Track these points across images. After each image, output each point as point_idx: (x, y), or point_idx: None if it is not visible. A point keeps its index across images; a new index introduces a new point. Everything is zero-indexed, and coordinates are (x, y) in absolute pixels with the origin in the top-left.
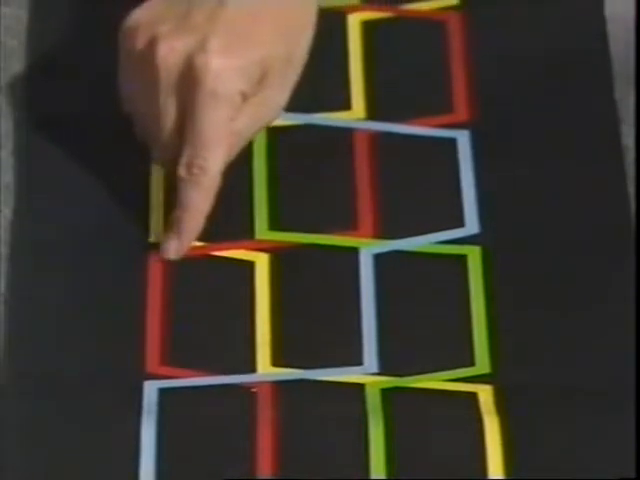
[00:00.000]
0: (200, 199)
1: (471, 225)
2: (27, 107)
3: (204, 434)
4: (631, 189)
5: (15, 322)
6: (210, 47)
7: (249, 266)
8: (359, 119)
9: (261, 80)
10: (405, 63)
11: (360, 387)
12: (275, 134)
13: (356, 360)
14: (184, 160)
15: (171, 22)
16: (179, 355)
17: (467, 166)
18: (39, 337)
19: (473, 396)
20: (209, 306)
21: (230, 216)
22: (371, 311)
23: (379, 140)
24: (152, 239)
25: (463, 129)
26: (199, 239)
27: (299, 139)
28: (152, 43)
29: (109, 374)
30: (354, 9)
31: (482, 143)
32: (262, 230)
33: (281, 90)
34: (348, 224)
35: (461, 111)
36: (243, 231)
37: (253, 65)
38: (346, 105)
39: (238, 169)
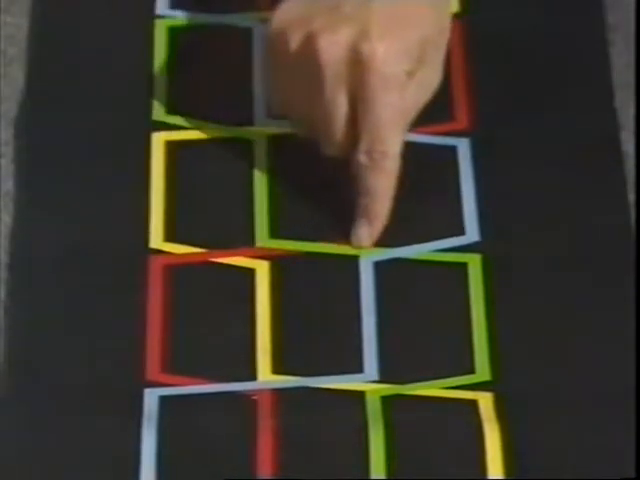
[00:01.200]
0: (385, 183)
1: (471, 233)
2: (27, 115)
3: (205, 442)
4: (631, 195)
5: (15, 330)
6: (373, 34)
7: (250, 273)
8: None
9: (421, 58)
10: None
11: (360, 395)
12: (276, 141)
13: (356, 368)
14: (363, 147)
15: (322, 17)
16: (180, 363)
17: (467, 174)
18: (39, 345)
19: (473, 403)
20: (210, 313)
21: (231, 223)
22: (371, 319)
23: None
24: (152, 245)
25: (463, 137)
26: (199, 245)
27: (300, 147)
28: (309, 40)
29: (109, 382)
30: None
31: (482, 151)
32: (263, 238)
33: (438, 64)
34: (348, 232)
35: (461, 119)
36: (244, 238)
37: (414, 45)
38: None
39: (239, 176)
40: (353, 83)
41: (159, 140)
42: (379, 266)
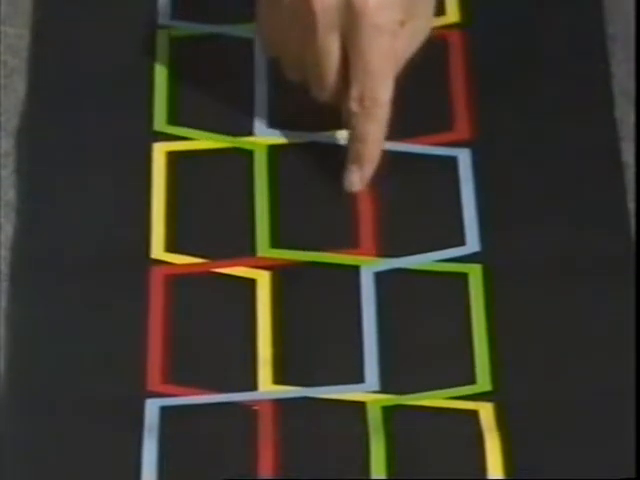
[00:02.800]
0: (376, 129)
1: (472, 243)
2: (28, 126)
3: (205, 452)
4: (631, 205)
5: (15, 340)
6: None
7: (250, 284)
8: None
9: (411, 8)
10: (405, 80)
11: (361, 405)
12: (276, 151)
13: (357, 378)
14: (354, 94)
15: None
16: (181, 373)
17: (468, 184)
18: (40, 355)
19: (474, 413)
20: (211, 324)
21: (231, 233)
22: (372, 329)
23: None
24: (153, 256)
25: (464, 147)
26: (200, 256)
27: (300, 157)
28: None
29: (110, 392)
30: None
31: (483, 161)
32: (263, 248)
33: (429, 13)
34: (349, 242)
35: (462, 129)
36: (244, 248)
37: None
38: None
39: (240, 187)
40: (345, 30)
41: (160, 150)
42: (380, 276)
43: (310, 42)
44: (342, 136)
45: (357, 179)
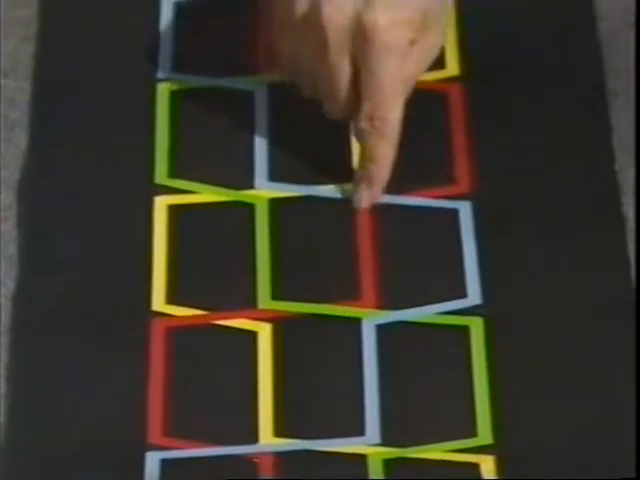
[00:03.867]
0: (386, 148)
1: (473, 296)
2: (29, 180)
3: None
4: (631, 255)
5: (15, 392)
6: (376, 4)
7: (252, 336)
8: None
9: (423, 27)
10: (406, 133)
11: (362, 458)
12: (278, 205)
13: (358, 431)
14: (365, 113)
15: None
16: (181, 426)
17: (469, 237)
18: (39, 407)
19: (475, 466)
20: (211, 376)
21: (233, 285)
22: (373, 382)
23: (381, 211)
24: (154, 308)
25: (465, 200)
26: (201, 308)
27: (301, 210)
28: (315, 6)
29: (111, 445)
30: None
31: (484, 214)
32: (265, 300)
33: (440, 31)
34: (350, 294)
35: (463, 182)
36: (246, 300)
37: (416, 13)
38: (349, 177)
39: (241, 239)
40: (356, 49)
41: (161, 204)
42: (381, 329)
43: (322, 60)
44: (343, 190)
45: (366, 197)
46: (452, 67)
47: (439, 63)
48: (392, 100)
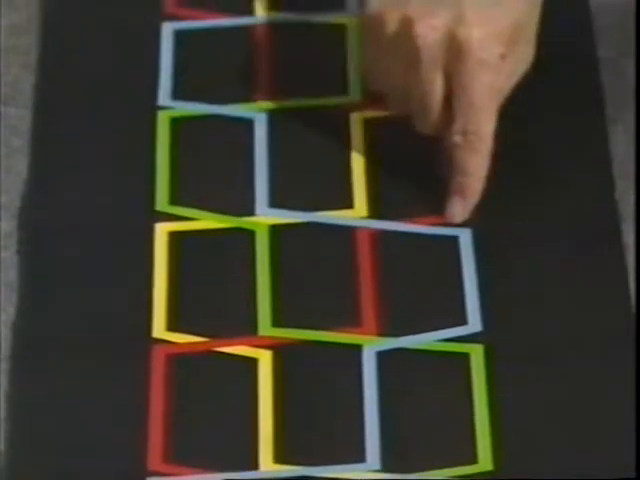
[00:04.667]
0: (479, 161)
1: (474, 323)
2: (30, 207)
3: None
4: (631, 283)
5: (15, 419)
6: (469, 19)
7: (252, 363)
8: (362, 217)
9: (515, 40)
10: (407, 162)
11: None
12: (278, 231)
13: (359, 457)
14: (458, 128)
15: (417, 1)
16: (182, 452)
17: (469, 264)
18: (39, 434)
19: None
20: (212, 403)
21: (233, 312)
22: (373, 408)
23: (381, 238)
24: (155, 335)
25: (465, 227)
26: (202, 335)
27: (302, 236)
28: (407, 24)
29: (111, 471)
30: (356, 107)
31: (484, 241)
32: (265, 326)
33: (530, 43)
34: (351, 321)
35: None
36: (246, 327)
37: (507, 28)
38: (349, 204)
39: (241, 266)
40: (449, 66)
41: (162, 231)
42: (382, 356)
43: (414, 77)
44: (343, 216)
45: (460, 210)
46: None
47: None
48: (485, 114)
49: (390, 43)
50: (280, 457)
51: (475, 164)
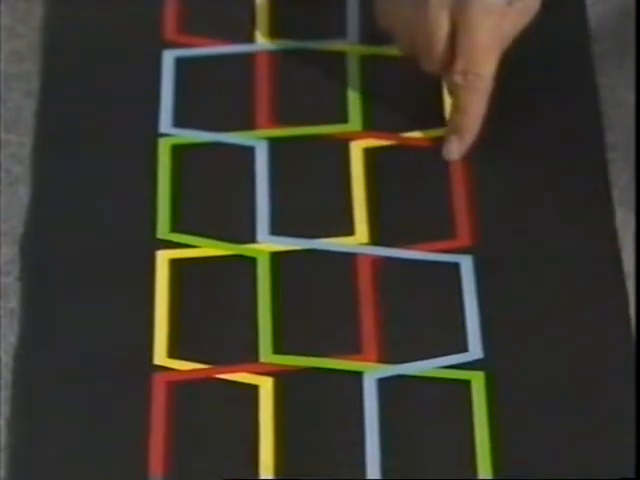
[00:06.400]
0: (478, 102)
1: (474, 350)
2: (30, 234)
3: None
4: (632, 312)
5: (16, 447)
6: None
7: (253, 390)
8: (362, 244)
9: None
10: (407, 189)
11: None
12: (279, 258)
13: None
14: (459, 68)
15: None
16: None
17: (470, 291)
18: (40, 463)
19: None
20: (212, 430)
21: (234, 339)
22: (375, 436)
23: (382, 265)
24: (156, 362)
25: (466, 254)
26: (203, 362)
27: (303, 263)
28: None
29: None
30: (356, 136)
31: (485, 268)
32: (266, 353)
33: None
34: (352, 348)
35: (464, 236)
36: (247, 354)
37: None
38: (349, 230)
39: (243, 293)
40: (456, 7)
41: (164, 258)
42: (383, 383)
43: (422, 18)
44: (344, 243)
45: (456, 149)
46: None
47: (440, 120)
48: (486, 57)
49: None
50: None
51: (473, 103)
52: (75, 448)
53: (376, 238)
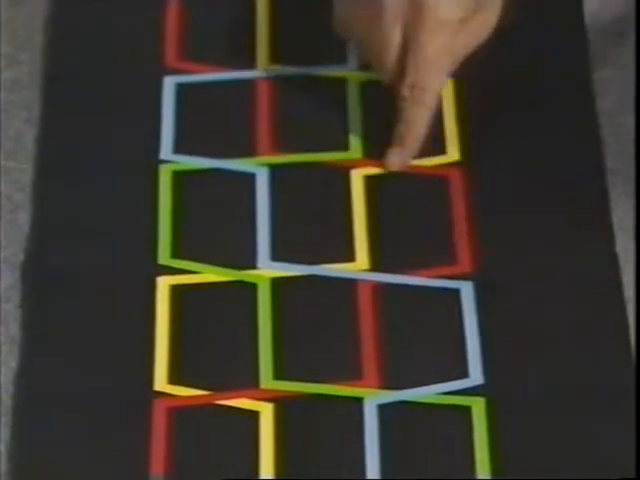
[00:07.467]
0: (422, 116)
1: (475, 376)
2: (32, 261)
3: None
4: (632, 335)
5: (17, 473)
6: None
7: (254, 416)
8: (363, 270)
9: (476, 7)
10: (407, 216)
11: None
12: (280, 284)
13: None
14: (408, 81)
15: None
16: None
17: (471, 317)
18: None
19: None
20: (213, 456)
21: (235, 365)
22: (375, 462)
23: (383, 291)
24: (157, 388)
25: (466, 280)
26: (203, 388)
27: (303, 289)
28: None
29: None
30: (357, 164)
31: (486, 294)
32: (267, 379)
33: (493, 14)
34: (352, 374)
35: (464, 262)
36: (248, 380)
37: None
38: (350, 257)
39: (243, 319)
40: (409, 22)
41: (164, 284)
42: (383, 409)
43: (376, 27)
44: (344, 269)
45: (397, 160)
46: (453, 153)
47: (440, 150)
48: (435, 72)
49: None
50: None
51: (418, 117)
52: (76, 474)
53: (377, 264)
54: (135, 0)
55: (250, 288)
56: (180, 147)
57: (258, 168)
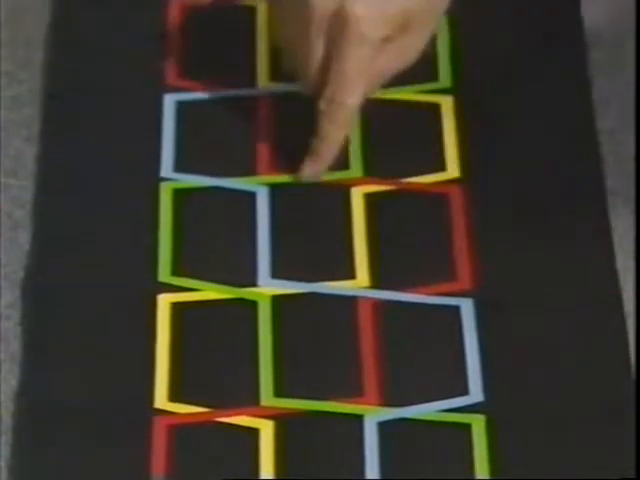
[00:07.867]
0: (336, 131)
1: (475, 393)
2: (32, 278)
3: None
4: (632, 353)
5: None
6: None
7: (254, 433)
8: (363, 288)
9: (403, 27)
10: (408, 233)
11: None
12: (280, 302)
13: None
14: (326, 94)
15: None
16: None
17: (471, 334)
18: None
19: None
20: (214, 473)
21: (235, 383)
22: (376, 479)
23: (383, 308)
24: (157, 405)
25: (466, 297)
26: (204, 405)
27: (304, 307)
28: None
29: None
30: (357, 182)
31: (486, 311)
32: (267, 397)
33: (421, 37)
34: (353, 391)
35: (464, 279)
36: (248, 398)
37: (395, 14)
38: (350, 274)
39: (244, 336)
40: (332, 36)
41: (165, 302)
42: (383, 426)
43: (302, 39)
44: (345, 287)
45: (310, 172)
46: (453, 170)
47: (440, 166)
48: (352, 88)
49: (288, 4)
50: None
51: (332, 131)
52: None
53: (377, 281)
54: (135, 18)
55: (250, 306)
56: (180, 165)
57: (258, 187)
